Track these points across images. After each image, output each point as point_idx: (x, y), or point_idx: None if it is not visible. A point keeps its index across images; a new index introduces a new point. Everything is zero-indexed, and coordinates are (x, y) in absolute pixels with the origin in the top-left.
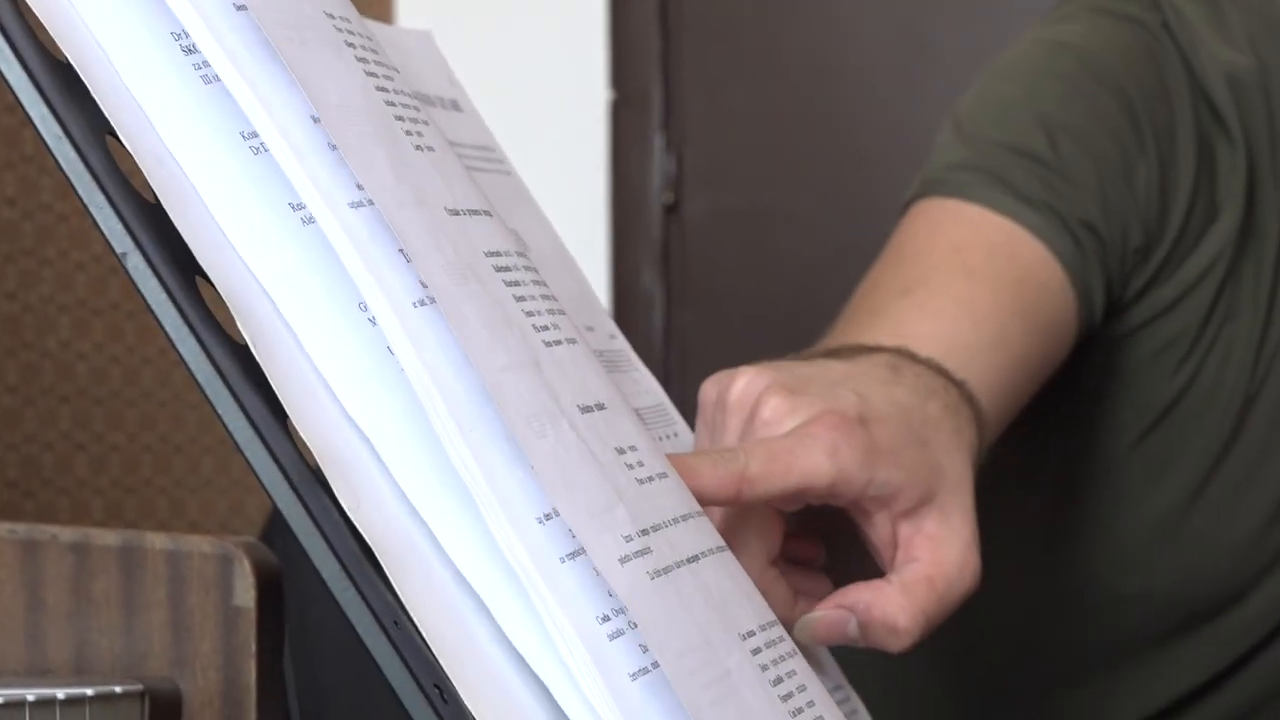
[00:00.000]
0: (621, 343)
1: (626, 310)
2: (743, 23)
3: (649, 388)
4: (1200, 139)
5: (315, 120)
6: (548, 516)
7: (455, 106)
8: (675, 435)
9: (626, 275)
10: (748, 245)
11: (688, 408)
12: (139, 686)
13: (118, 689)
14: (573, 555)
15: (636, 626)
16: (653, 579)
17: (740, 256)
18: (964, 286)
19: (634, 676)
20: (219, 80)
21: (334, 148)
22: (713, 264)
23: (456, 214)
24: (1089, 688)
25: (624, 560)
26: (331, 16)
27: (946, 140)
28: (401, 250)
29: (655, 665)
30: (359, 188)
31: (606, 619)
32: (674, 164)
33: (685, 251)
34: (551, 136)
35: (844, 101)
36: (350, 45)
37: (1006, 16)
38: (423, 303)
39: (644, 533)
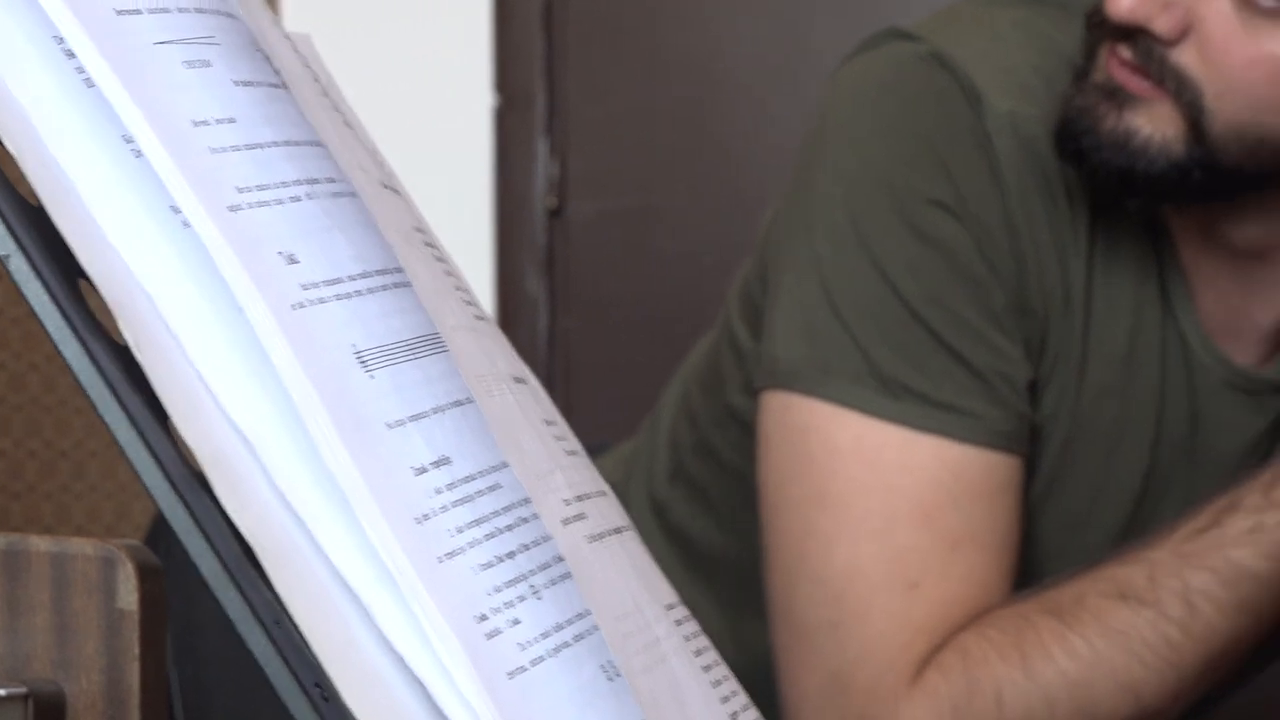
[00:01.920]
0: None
1: (511, 314)
2: (625, 29)
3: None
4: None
5: (195, 124)
6: (426, 517)
7: (338, 110)
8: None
9: (511, 279)
10: (631, 248)
11: (572, 410)
12: (23, 689)
13: (1, 692)
14: (450, 555)
15: (518, 623)
16: (590, 543)
17: (624, 260)
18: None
19: (511, 675)
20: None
21: (214, 151)
22: (597, 268)
23: (386, 188)
24: None
25: (566, 522)
26: (233, 16)
27: (815, 309)
28: (280, 252)
29: (534, 663)
30: (239, 190)
31: (484, 618)
32: (558, 168)
33: (569, 255)
34: (436, 141)
35: (724, 105)
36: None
37: (880, 23)
38: (301, 305)
39: (579, 499)
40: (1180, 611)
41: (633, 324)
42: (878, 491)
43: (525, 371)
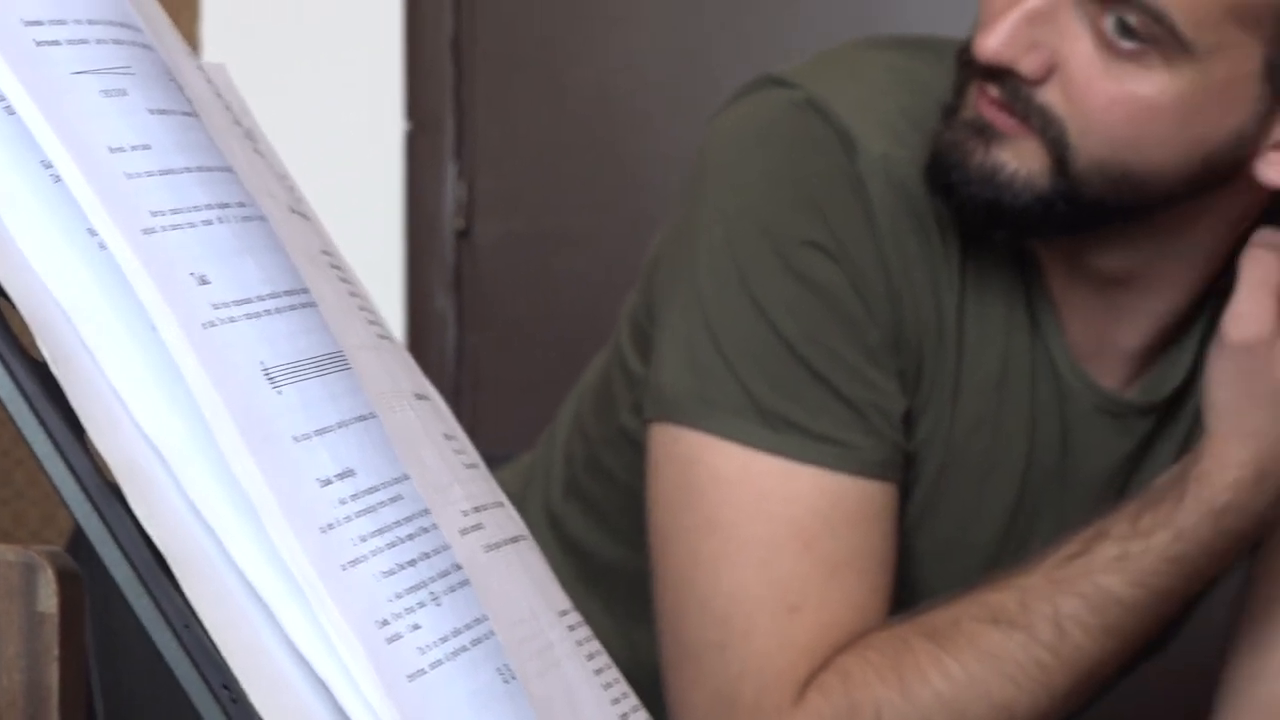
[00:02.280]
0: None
1: (420, 332)
2: (531, 59)
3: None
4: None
5: (112, 151)
6: (330, 527)
7: (252, 137)
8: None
9: (420, 298)
10: (536, 268)
11: (478, 421)
12: None
13: None
14: (354, 563)
15: (418, 628)
16: (486, 552)
17: (529, 279)
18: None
19: (411, 678)
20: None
21: (130, 176)
22: (503, 287)
23: (294, 212)
24: None
25: (464, 532)
26: (149, 47)
27: (701, 349)
28: (192, 273)
29: (433, 666)
30: (153, 214)
31: (385, 623)
32: (466, 191)
33: (476, 275)
34: (350, 164)
35: (624, 133)
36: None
37: (779, 56)
38: (211, 324)
39: (477, 510)
40: (1050, 635)
41: (536, 340)
42: (760, 520)
43: (427, 388)
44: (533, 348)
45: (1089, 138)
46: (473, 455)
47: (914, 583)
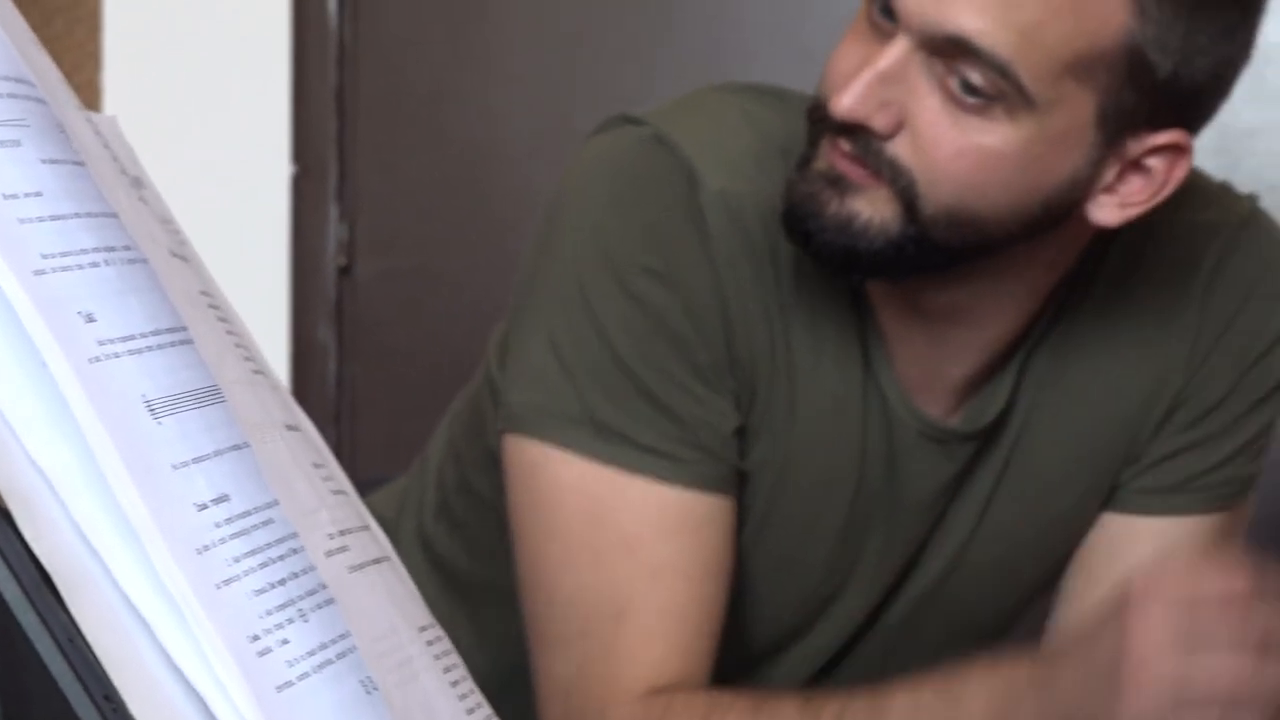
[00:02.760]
0: (286, 392)
1: (304, 362)
2: (409, 108)
3: (313, 429)
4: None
5: (6, 198)
6: (206, 548)
7: (139, 184)
8: (337, 471)
9: (304, 330)
10: (412, 303)
11: (357, 446)
12: None
13: None
14: (227, 582)
15: (286, 643)
16: (351, 572)
17: (406, 313)
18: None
19: (280, 689)
20: None
21: (22, 222)
22: (381, 320)
23: (175, 256)
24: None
25: (329, 554)
26: (42, 101)
27: (549, 366)
28: (79, 312)
29: (301, 678)
30: (44, 257)
31: (256, 638)
32: (347, 231)
33: (356, 309)
34: (239, 205)
35: (496, 177)
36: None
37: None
38: (97, 359)
39: (342, 533)
40: None
41: (412, 369)
42: (593, 526)
43: (298, 419)
44: (409, 376)
45: (937, 187)
46: (340, 482)
47: (752, 596)
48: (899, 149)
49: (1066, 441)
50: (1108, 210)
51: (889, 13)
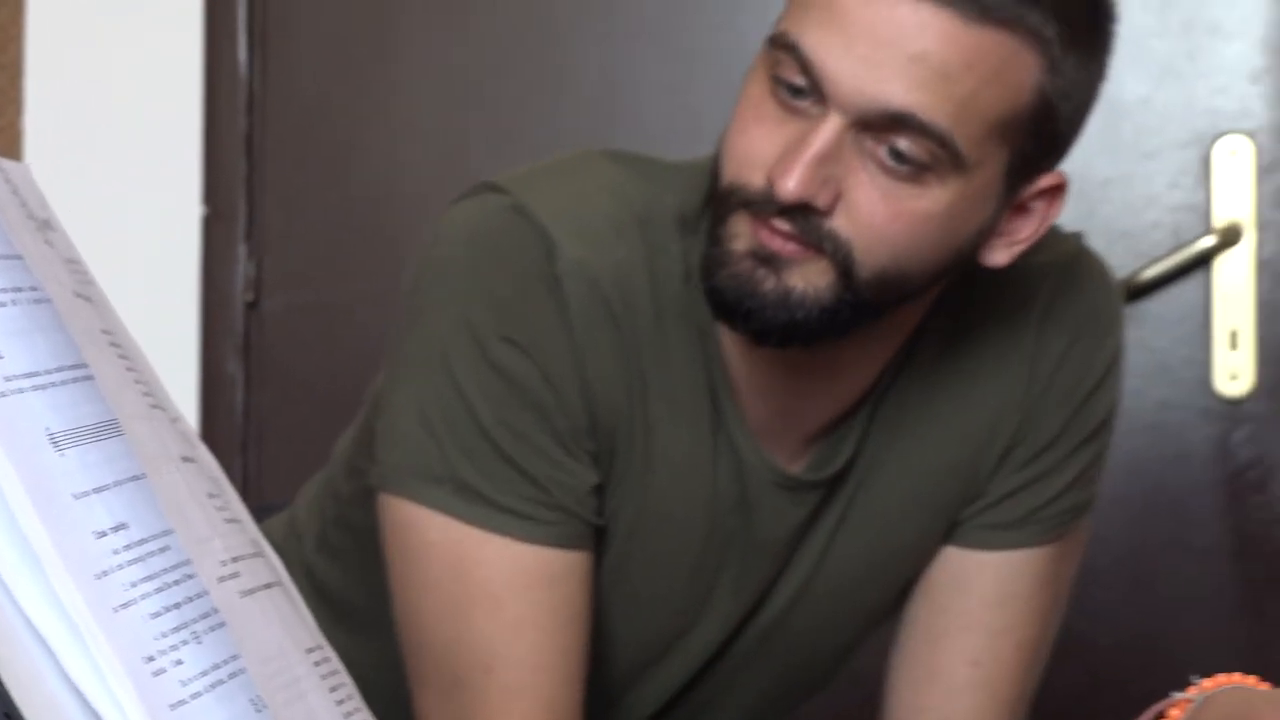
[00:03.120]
0: (185, 425)
1: (213, 392)
2: (314, 152)
3: (211, 460)
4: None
5: None
6: (105, 573)
7: (48, 226)
8: (232, 500)
9: (213, 362)
10: (316, 336)
11: (263, 472)
12: None
13: None
14: (125, 606)
15: (180, 663)
16: (242, 597)
17: (309, 346)
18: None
19: (174, 707)
20: None
21: None
22: (286, 352)
23: (79, 296)
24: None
25: (221, 580)
26: None
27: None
28: None
29: (194, 696)
30: None
31: (152, 659)
32: (254, 269)
33: (263, 342)
34: (152, 244)
35: (396, 219)
36: None
37: (528, 155)
38: (3, 395)
39: (235, 560)
40: None
41: (316, 399)
42: (458, 581)
43: (195, 451)
44: (312, 406)
45: (873, 253)
46: (235, 511)
47: (611, 631)
48: (837, 222)
49: (908, 483)
50: (999, 252)
51: (799, 92)
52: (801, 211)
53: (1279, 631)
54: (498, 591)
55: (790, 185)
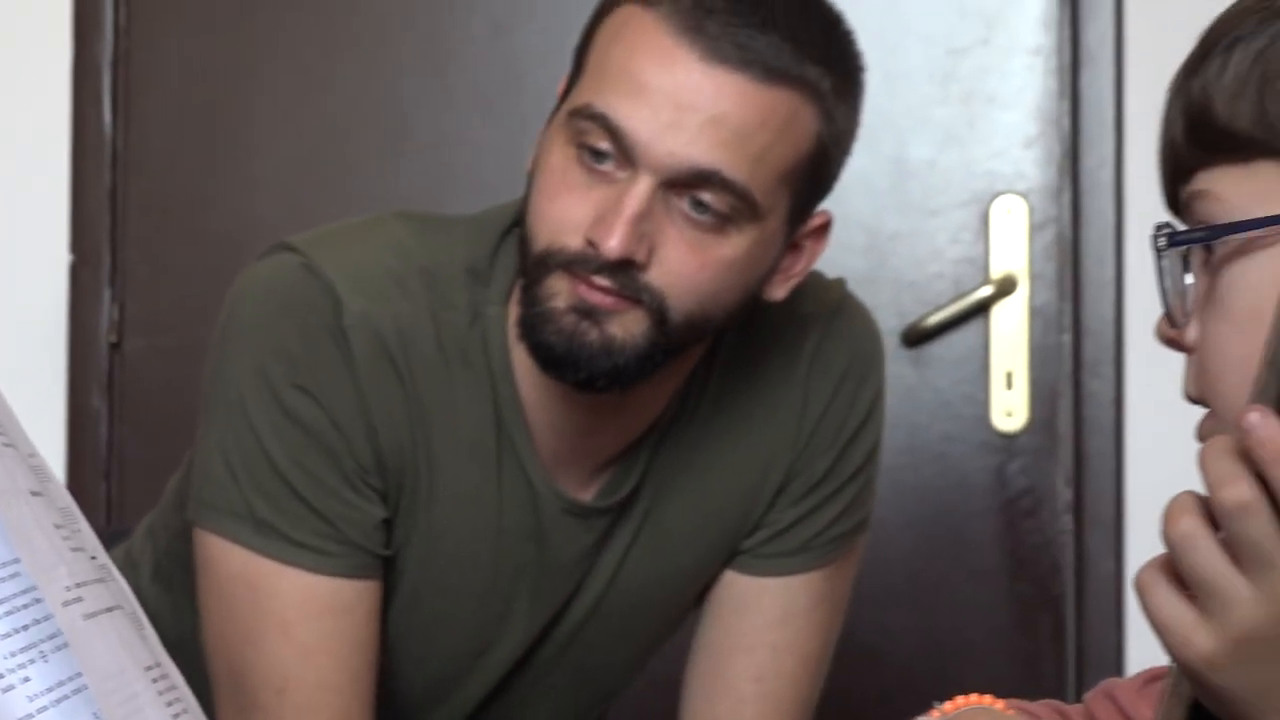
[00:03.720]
0: (39, 460)
1: (79, 426)
2: (173, 206)
3: (62, 492)
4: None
5: None
6: None
7: None
8: (79, 530)
9: (80, 398)
10: (173, 374)
11: (126, 499)
12: None
13: None
14: None
15: (28, 680)
16: (85, 620)
17: (168, 383)
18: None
19: None
20: None
21: None
22: (146, 389)
23: None
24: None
25: (66, 604)
26: None
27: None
28: None
29: (40, 711)
30: None
31: (1, 677)
32: (118, 312)
33: (125, 380)
34: (23, 289)
35: (247, 266)
36: None
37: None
38: None
39: (79, 585)
40: None
41: (173, 433)
42: (255, 610)
43: (45, 485)
44: (170, 439)
45: (683, 299)
46: (81, 540)
47: (410, 654)
48: (651, 274)
49: (689, 512)
50: (779, 287)
51: (604, 157)
52: (620, 267)
53: (1049, 644)
54: (291, 618)
55: (613, 244)
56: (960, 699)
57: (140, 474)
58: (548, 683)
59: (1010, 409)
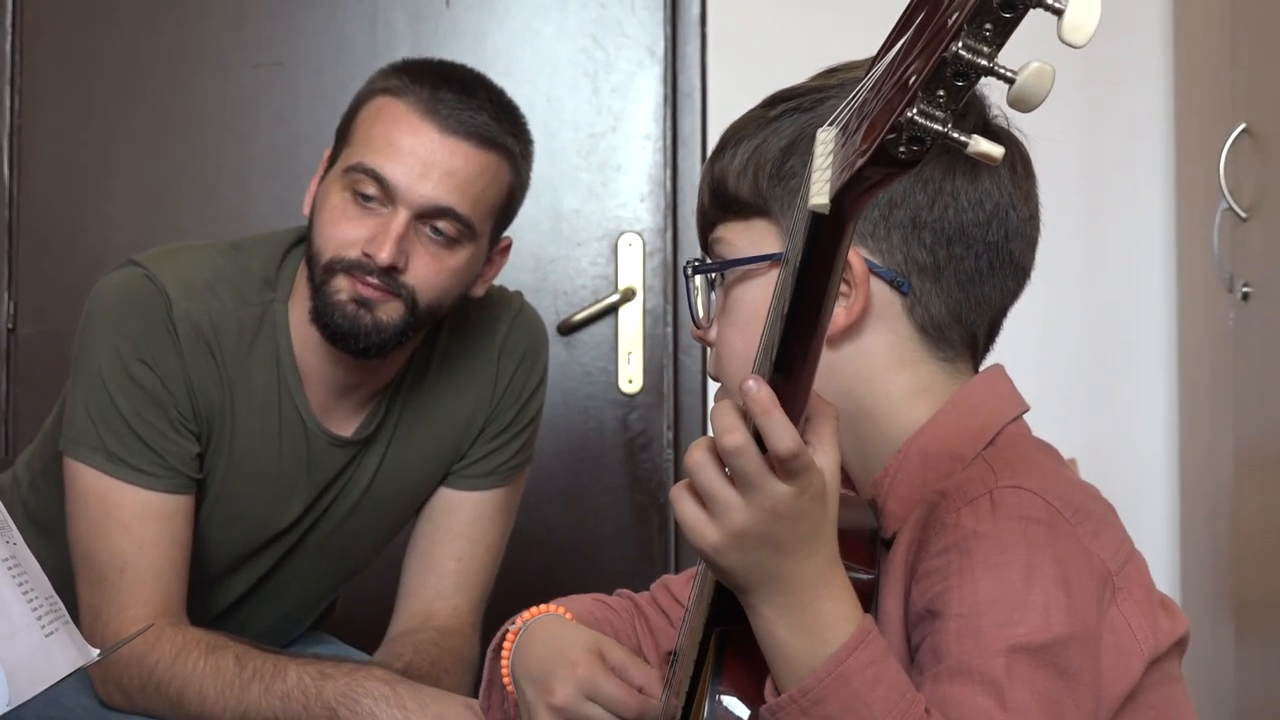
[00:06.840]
0: None
1: None
2: (57, 228)
3: None
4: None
5: None
6: None
7: None
8: (14, 543)
9: None
10: (54, 354)
11: (18, 443)
12: None
13: None
14: None
15: None
16: None
17: (53, 362)
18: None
19: None
20: None
21: None
22: (38, 367)
23: None
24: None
25: None
26: None
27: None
28: None
29: None
30: None
31: None
32: (13, 305)
33: (19, 357)
34: None
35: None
36: None
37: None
38: None
39: None
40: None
41: (53, 395)
42: (104, 515)
43: None
44: (51, 400)
45: (428, 294)
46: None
47: (216, 539)
48: (406, 276)
49: (419, 444)
50: (479, 287)
51: (371, 199)
52: (386, 272)
53: (658, 535)
54: (130, 521)
55: (384, 255)
56: (535, 609)
57: (29, 423)
58: (311, 564)
59: (631, 378)
